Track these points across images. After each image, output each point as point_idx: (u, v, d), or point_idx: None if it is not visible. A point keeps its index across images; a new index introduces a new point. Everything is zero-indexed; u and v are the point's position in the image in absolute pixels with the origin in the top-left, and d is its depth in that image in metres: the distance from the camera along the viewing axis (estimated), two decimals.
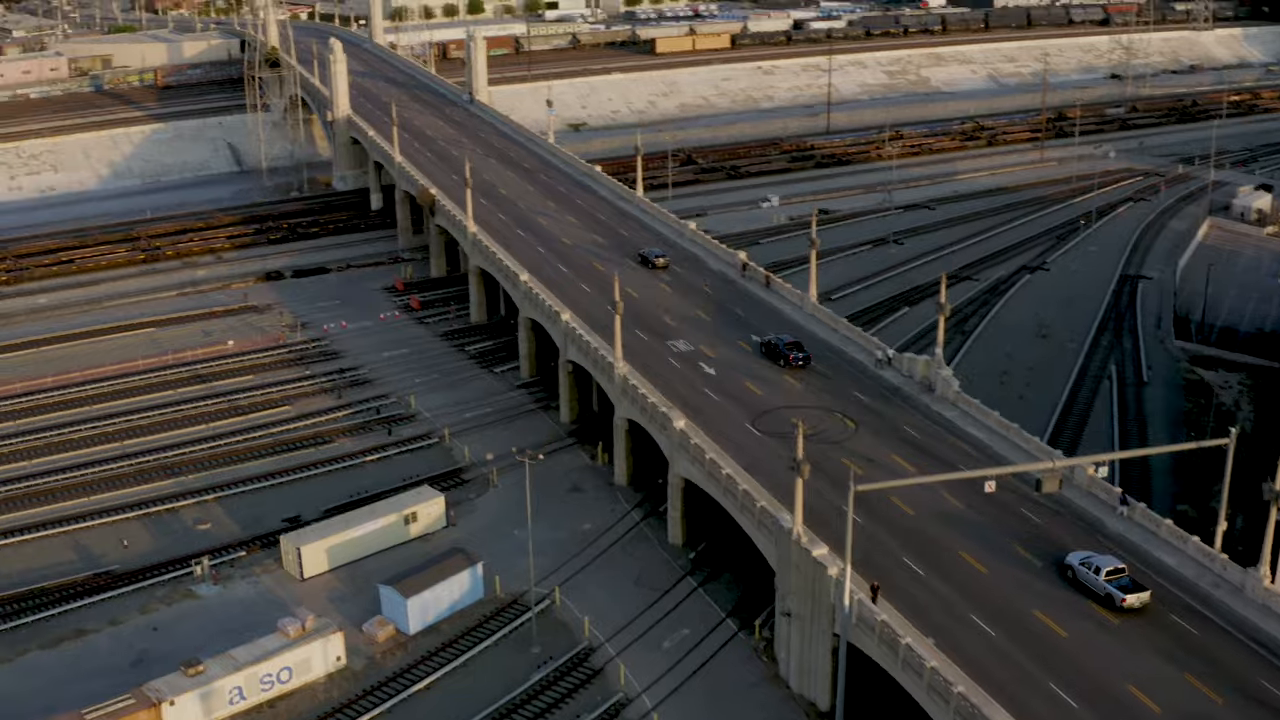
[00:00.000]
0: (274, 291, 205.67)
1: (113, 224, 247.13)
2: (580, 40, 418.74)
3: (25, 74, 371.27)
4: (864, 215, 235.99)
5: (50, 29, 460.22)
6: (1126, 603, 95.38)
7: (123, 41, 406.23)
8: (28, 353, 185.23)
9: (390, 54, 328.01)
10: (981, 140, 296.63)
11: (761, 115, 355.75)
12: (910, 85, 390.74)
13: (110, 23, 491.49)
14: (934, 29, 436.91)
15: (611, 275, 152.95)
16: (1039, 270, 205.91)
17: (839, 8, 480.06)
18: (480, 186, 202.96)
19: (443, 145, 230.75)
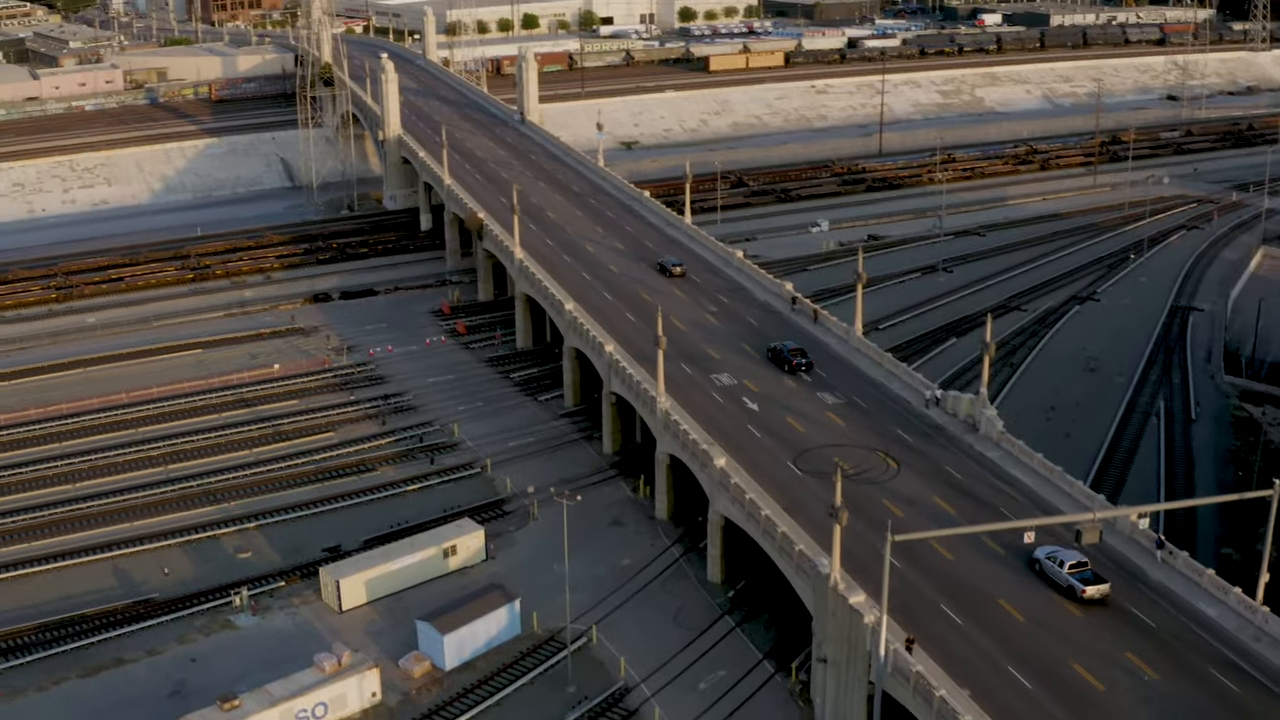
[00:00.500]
0: (321, 313, 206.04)
1: (163, 241, 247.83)
2: (634, 57, 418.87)
3: (81, 86, 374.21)
4: (914, 242, 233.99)
5: (107, 40, 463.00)
6: (1086, 594, 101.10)
7: (178, 54, 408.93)
8: (75, 373, 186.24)
9: (443, 71, 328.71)
10: (1034, 164, 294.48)
11: (814, 135, 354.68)
12: (964, 105, 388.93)
13: (166, 34, 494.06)
14: (989, 48, 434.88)
15: (658, 305, 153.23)
16: (1089, 301, 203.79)
17: (894, 26, 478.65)
18: (528, 210, 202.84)
19: (493, 167, 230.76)
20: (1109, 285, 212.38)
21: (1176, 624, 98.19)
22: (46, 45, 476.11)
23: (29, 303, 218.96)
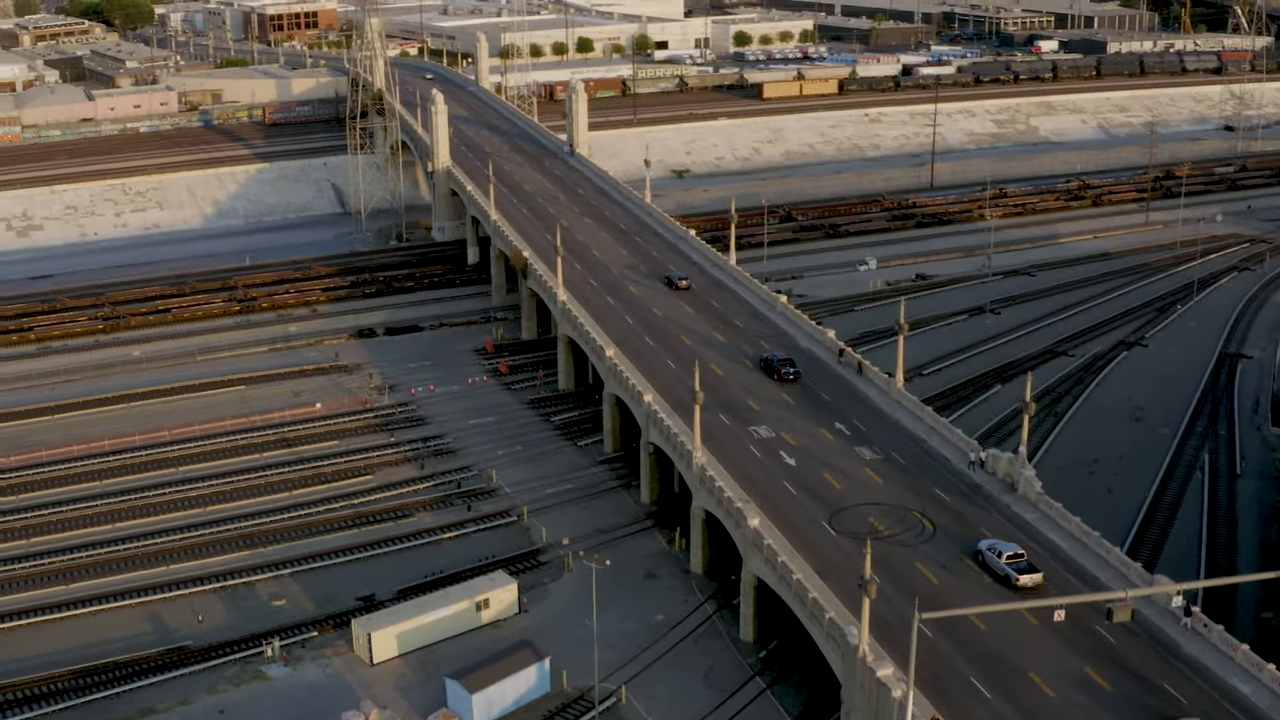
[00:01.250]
0: (365, 350, 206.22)
1: (211, 271, 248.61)
2: (687, 83, 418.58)
3: (136, 108, 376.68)
4: (962, 281, 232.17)
5: (163, 60, 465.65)
6: (1020, 582, 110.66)
7: (232, 76, 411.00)
8: (118, 408, 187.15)
9: (494, 98, 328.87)
10: (1086, 200, 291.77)
11: (866, 165, 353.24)
12: (1019, 135, 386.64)
13: (223, 53, 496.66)
14: (1045, 76, 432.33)
15: (699, 351, 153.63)
16: (1136, 346, 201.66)
17: (950, 52, 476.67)
18: (573, 248, 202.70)
19: (540, 202, 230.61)
20: (1158, 330, 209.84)
21: (1209, 701, 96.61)
22: (103, 64, 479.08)
23: (76, 333, 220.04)
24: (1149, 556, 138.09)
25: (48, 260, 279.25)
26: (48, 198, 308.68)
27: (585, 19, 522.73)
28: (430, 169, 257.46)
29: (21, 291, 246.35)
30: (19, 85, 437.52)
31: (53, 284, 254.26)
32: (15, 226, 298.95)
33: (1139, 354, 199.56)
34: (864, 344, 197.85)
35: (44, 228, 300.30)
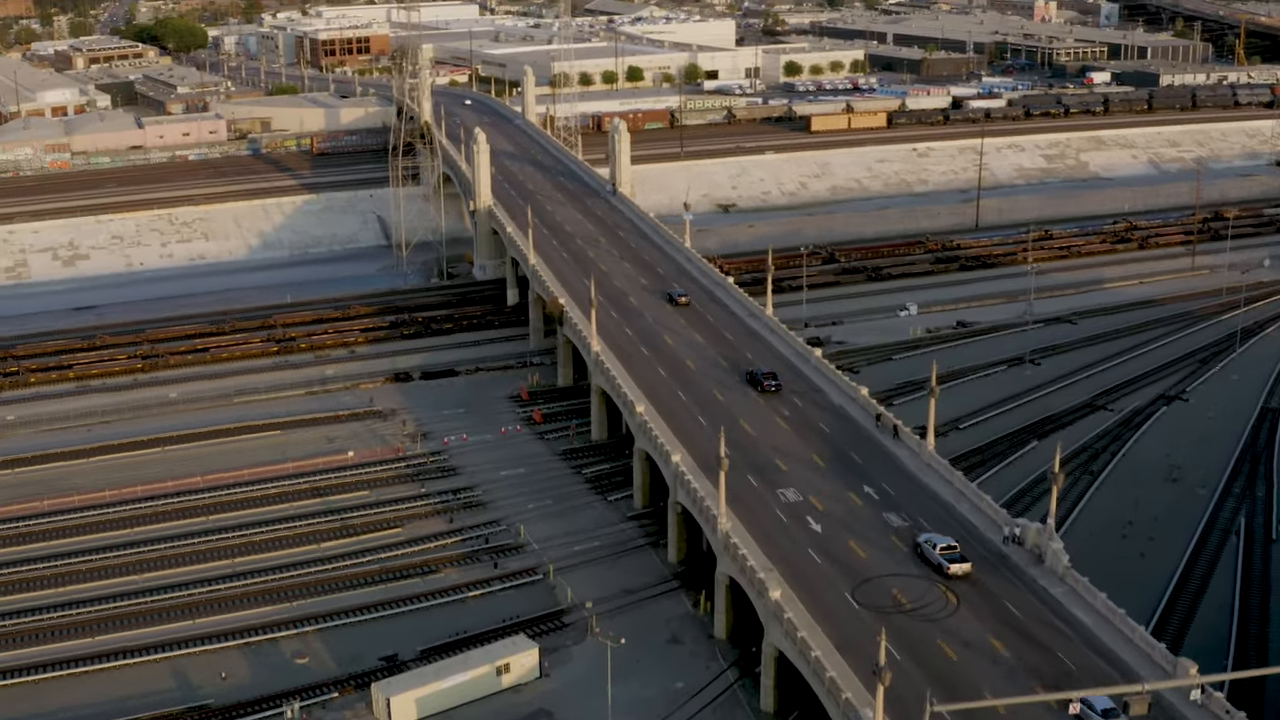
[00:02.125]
0: (400, 395, 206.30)
1: (252, 309, 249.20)
2: (735, 115, 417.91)
3: (185, 136, 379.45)
4: (1003, 329, 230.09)
5: (214, 86, 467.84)
6: (951, 570, 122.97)
7: (281, 104, 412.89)
8: (153, 452, 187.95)
9: (539, 133, 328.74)
10: (1133, 243, 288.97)
11: (914, 200, 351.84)
12: (1068, 170, 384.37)
13: (274, 78, 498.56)
14: (1096, 110, 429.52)
15: (730, 407, 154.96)
16: (1176, 400, 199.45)
17: (1001, 84, 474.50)
18: (610, 295, 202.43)
19: (579, 244, 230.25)
20: (1199, 383, 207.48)
21: None
22: (155, 89, 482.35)
23: (114, 372, 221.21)
24: (1178, 627, 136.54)
25: (93, 290, 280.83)
26: (94, 227, 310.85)
27: (636, 47, 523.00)
28: (472, 208, 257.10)
29: (63, 325, 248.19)
30: (71, 110, 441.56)
31: (95, 315, 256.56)
32: (61, 256, 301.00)
33: (1179, 409, 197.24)
34: (900, 395, 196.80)
35: (90, 257, 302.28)
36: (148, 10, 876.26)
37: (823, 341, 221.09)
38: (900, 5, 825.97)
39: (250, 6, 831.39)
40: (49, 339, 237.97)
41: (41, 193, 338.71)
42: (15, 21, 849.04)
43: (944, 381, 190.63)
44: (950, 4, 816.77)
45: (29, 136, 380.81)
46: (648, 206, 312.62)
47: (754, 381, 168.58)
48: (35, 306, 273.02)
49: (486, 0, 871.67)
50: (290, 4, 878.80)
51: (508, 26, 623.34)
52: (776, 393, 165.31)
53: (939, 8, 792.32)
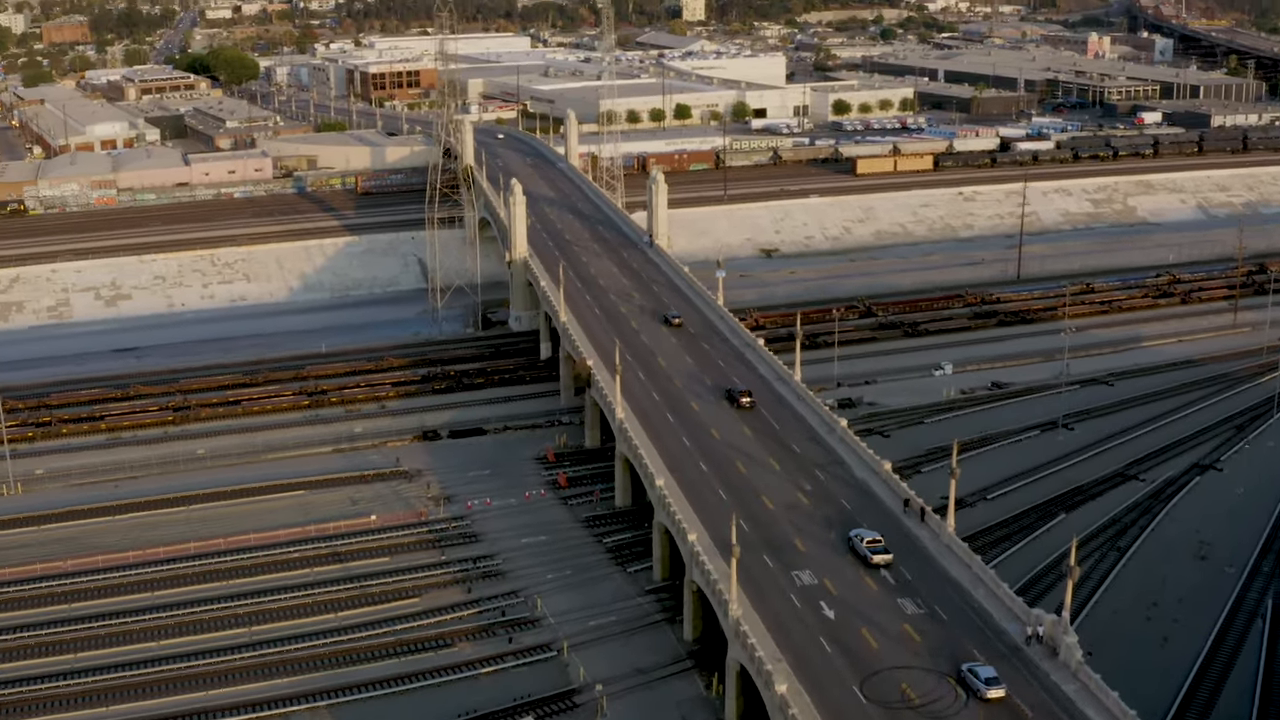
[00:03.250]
0: (427, 454, 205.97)
1: (285, 359, 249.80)
2: (781, 157, 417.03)
3: (230, 173, 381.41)
4: (1038, 391, 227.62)
5: (263, 121, 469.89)
6: (875, 560, 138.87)
7: (328, 142, 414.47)
8: (179, 511, 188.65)
9: (580, 178, 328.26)
10: (1175, 298, 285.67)
11: (958, 245, 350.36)
12: (1115, 215, 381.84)
13: (323, 112, 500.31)
14: (1145, 152, 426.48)
15: (751, 479, 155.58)
16: (1210, 470, 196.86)
17: (1050, 124, 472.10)
18: (639, 354, 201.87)
19: (612, 299, 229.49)
20: (1234, 451, 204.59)
21: None
22: (204, 123, 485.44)
23: (146, 424, 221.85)
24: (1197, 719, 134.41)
25: (133, 331, 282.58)
26: (137, 267, 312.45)
27: (684, 84, 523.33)
28: (508, 259, 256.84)
29: (101, 370, 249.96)
30: (120, 143, 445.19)
31: (135, 358, 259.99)
32: (104, 295, 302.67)
33: (1212, 479, 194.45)
34: (929, 462, 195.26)
35: (132, 297, 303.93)
36: (202, 38, 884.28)
37: (854, 402, 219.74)
38: (953, 38, 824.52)
39: (304, 36, 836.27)
40: (83, 387, 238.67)
41: (86, 230, 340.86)
42: (71, 47, 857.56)
43: (974, 448, 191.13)
44: (1004, 38, 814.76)
45: (76, 172, 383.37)
46: (690, 251, 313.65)
47: (731, 400, 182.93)
48: (76, 347, 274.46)
49: (539, 31, 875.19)
50: (343, 34, 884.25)
51: (558, 61, 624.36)
52: (751, 409, 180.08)
53: (992, 41, 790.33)
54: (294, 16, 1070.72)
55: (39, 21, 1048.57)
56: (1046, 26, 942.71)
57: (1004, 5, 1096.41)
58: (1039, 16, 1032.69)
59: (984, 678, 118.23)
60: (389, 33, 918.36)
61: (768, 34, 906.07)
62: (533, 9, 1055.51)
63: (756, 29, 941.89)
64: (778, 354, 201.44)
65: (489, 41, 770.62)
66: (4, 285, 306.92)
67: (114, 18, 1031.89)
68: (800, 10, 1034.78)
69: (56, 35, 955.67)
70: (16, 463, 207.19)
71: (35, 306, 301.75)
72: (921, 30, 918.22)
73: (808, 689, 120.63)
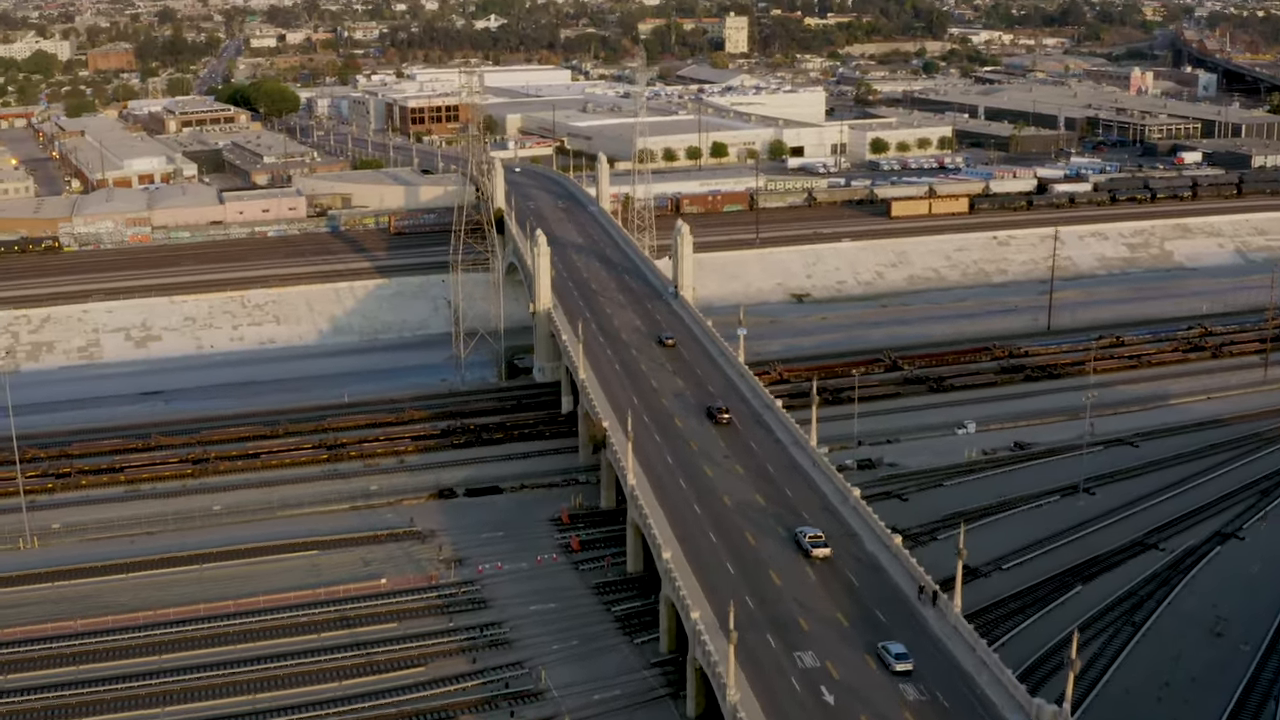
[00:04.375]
0: (442, 514, 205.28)
1: (307, 409, 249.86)
2: (815, 198, 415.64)
3: (264, 212, 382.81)
4: (1061, 453, 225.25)
5: (299, 156, 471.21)
6: (815, 554, 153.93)
7: (362, 180, 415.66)
8: (192, 570, 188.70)
9: (610, 222, 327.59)
10: (1206, 351, 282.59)
11: (992, 290, 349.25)
12: (1152, 259, 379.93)
13: (361, 147, 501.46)
14: (1183, 194, 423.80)
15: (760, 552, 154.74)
16: (1231, 539, 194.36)
17: (1089, 164, 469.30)
18: (656, 414, 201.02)
19: (634, 354, 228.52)
20: (1257, 518, 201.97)
21: None
22: (241, 157, 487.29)
23: (165, 476, 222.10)
24: None
25: (162, 374, 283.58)
26: (167, 308, 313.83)
27: (722, 121, 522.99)
28: (532, 310, 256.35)
29: (124, 418, 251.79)
30: (157, 177, 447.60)
31: (161, 401, 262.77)
32: (134, 337, 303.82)
33: (1233, 549, 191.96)
34: (946, 527, 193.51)
35: (162, 339, 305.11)
36: (246, 67, 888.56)
37: (874, 463, 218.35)
38: (996, 72, 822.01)
39: (346, 66, 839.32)
40: (105, 436, 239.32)
41: (120, 269, 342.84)
42: (116, 75, 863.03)
43: (993, 513, 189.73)
44: (1046, 72, 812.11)
45: (111, 209, 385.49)
46: (720, 295, 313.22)
47: (710, 415, 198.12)
48: (104, 389, 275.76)
49: (581, 63, 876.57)
50: (387, 64, 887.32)
51: (596, 96, 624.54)
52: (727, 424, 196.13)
53: (1034, 75, 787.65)
54: (338, 46, 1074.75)
55: (85, 48, 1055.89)
56: (1090, 60, 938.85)
57: (1048, 38, 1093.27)
58: (1083, 49, 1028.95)
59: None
60: (432, 63, 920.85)
61: (810, 66, 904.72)
62: (575, 40, 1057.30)
63: (799, 61, 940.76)
64: (800, 410, 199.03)
65: (530, 74, 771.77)
66: (36, 325, 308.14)
67: (159, 45, 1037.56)
68: (843, 43, 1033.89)
69: (102, 62, 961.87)
70: (35, 515, 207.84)
71: (66, 347, 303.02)
72: (964, 64, 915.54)
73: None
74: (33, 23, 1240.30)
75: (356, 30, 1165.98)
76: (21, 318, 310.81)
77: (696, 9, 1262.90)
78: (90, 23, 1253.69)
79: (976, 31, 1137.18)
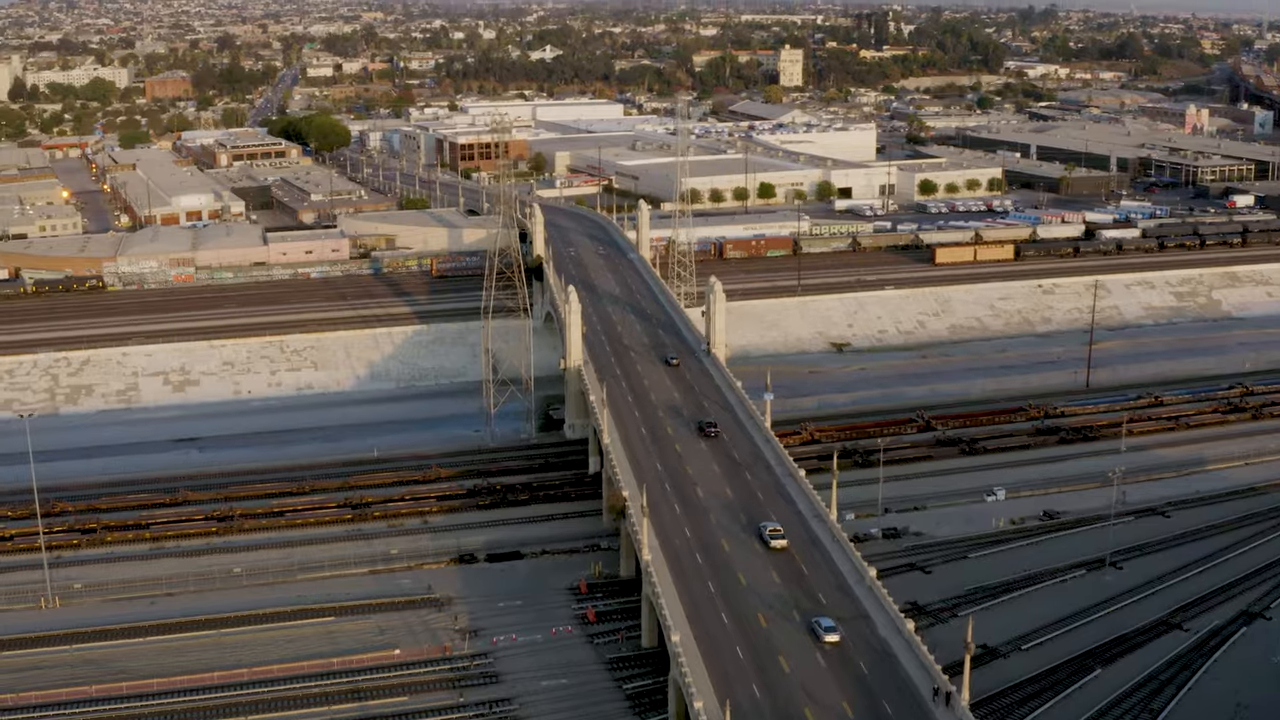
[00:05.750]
0: (461, 580, 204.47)
1: (334, 465, 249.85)
2: (860, 244, 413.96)
3: (308, 254, 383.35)
4: (1090, 523, 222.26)
5: (347, 194, 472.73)
6: (774, 545, 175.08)
7: (407, 221, 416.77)
8: (209, 635, 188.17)
9: (649, 272, 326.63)
10: (1246, 413, 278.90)
11: (1036, 341, 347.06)
12: (1199, 308, 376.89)
13: (409, 185, 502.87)
14: (1233, 241, 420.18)
15: (771, 638, 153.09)
16: (1259, 619, 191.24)
17: (1139, 209, 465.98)
18: (678, 482, 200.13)
19: (661, 416, 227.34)
20: None
21: None
22: (289, 194, 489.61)
23: (190, 534, 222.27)
24: None
25: (198, 419, 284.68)
26: (207, 352, 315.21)
27: (770, 160, 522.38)
28: (562, 366, 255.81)
29: (156, 468, 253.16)
30: (205, 214, 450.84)
31: (195, 449, 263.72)
32: (172, 381, 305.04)
33: (1259, 630, 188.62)
34: (968, 603, 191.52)
35: (200, 383, 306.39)
36: (302, 97, 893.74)
37: (899, 532, 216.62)
38: (1050, 108, 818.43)
39: (401, 98, 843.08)
40: (133, 490, 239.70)
41: (161, 310, 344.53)
42: (172, 104, 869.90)
43: (1016, 588, 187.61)
44: (1101, 107, 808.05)
45: (156, 249, 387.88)
46: (759, 345, 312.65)
47: (701, 431, 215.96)
48: (139, 435, 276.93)
49: (635, 95, 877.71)
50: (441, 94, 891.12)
51: (646, 133, 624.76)
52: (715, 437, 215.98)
53: (1090, 111, 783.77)
54: (394, 76, 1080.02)
55: (143, 75, 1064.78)
56: (1147, 95, 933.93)
57: (1105, 72, 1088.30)
58: (1140, 84, 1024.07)
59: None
60: (486, 94, 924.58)
61: (863, 101, 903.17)
62: (630, 72, 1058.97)
63: (853, 95, 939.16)
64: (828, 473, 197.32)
65: (582, 109, 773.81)
66: (75, 367, 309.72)
67: (216, 74, 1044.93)
68: (898, 76, 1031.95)
69: (159, 90, 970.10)
70: (60, 571, 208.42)
71: (105, 390, 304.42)
72: (1019, 99, 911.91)
73: None
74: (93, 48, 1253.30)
75: (412, 60, 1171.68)
76: (62, 360, 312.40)
77: (752, 41, 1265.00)
78: (150, 49, 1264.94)
79: (1033, 65, 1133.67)
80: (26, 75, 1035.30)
